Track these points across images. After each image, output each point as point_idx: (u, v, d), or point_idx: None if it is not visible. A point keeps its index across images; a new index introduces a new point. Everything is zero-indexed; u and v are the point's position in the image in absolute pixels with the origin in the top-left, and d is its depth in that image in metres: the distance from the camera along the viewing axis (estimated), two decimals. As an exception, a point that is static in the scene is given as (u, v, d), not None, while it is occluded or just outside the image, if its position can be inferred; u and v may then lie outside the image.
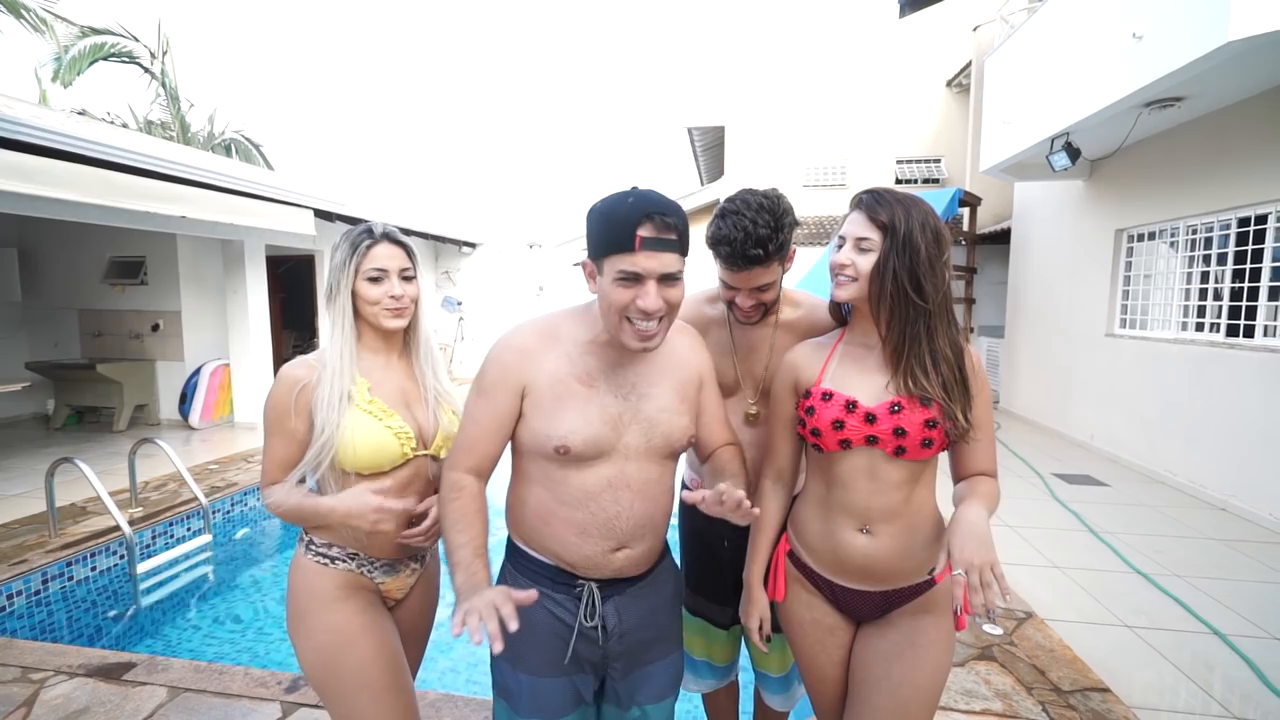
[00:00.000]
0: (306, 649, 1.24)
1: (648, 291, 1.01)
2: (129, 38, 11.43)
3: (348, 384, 1.24)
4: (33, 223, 6.10)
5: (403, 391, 1.33)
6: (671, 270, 1.03)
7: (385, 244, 1.29)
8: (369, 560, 1.29)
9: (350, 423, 1.22)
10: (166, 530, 3.80)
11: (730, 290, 1.33)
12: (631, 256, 1.00)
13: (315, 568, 1.26)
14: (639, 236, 0.99)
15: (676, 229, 1.02)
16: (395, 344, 1.37)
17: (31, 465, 4.99)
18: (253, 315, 6.64)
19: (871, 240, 1.12)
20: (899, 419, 1.10)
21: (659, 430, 1.13)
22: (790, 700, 1.59)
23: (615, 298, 1.03)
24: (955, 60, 10.53)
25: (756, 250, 1.22)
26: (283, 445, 1.25)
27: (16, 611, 2.98)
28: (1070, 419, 6.28)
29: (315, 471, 1.23)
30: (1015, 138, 5.94)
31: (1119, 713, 2.06)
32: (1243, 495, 4.13)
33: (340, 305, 1.27)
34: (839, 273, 1.15)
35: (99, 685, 2.20)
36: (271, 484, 1.27)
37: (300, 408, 1.23)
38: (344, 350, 1.25)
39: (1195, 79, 3.83)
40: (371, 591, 1.30)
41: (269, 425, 1.26)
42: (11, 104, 5.25)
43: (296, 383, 1.23)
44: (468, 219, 11.38)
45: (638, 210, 1.00)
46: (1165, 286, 5.22)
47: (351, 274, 1.26)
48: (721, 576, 1.48)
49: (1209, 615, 2.81)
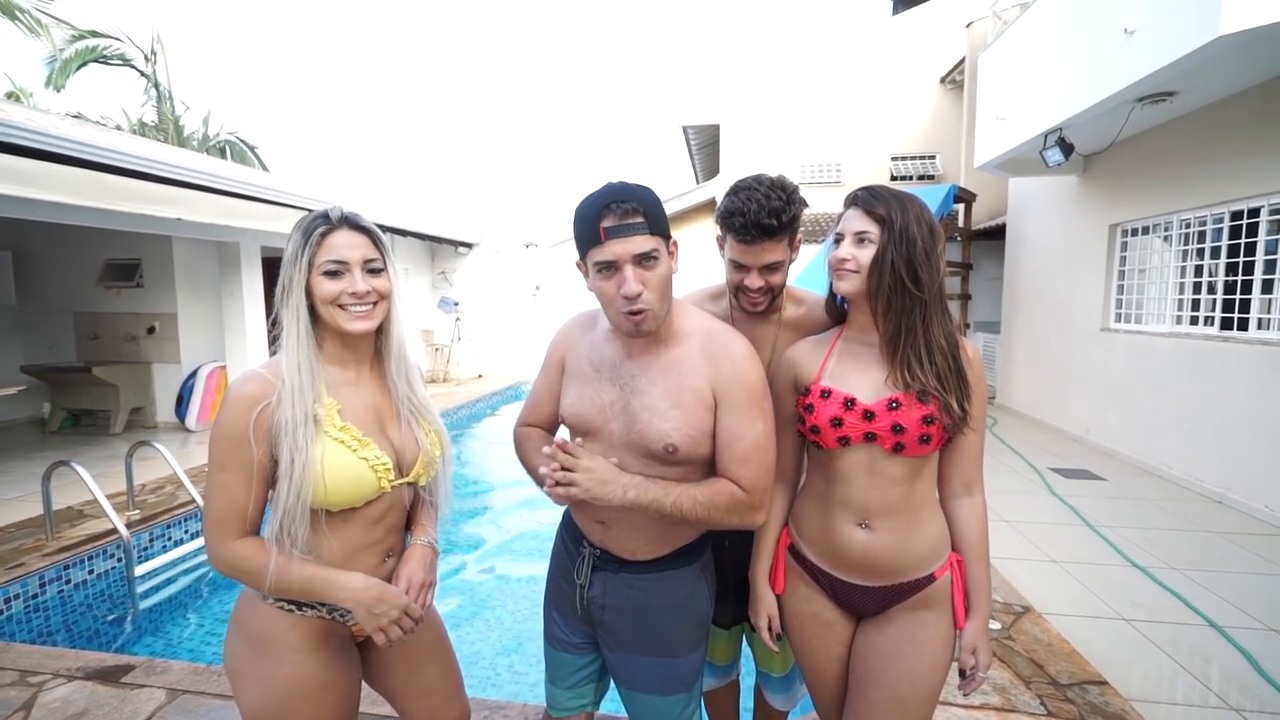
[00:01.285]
0: (255, 694, 1.08)
1: (625, 277, 1.06)
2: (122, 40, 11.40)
3: (310, 404, 1.03)
4: (27, 226, 6.08)
5: (375, 410, 1.14)
6: (643, 250, 1.06)
7: (345, 230, 1.07)
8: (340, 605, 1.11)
9: (318, 454, 1.02)
10: (164, 533, 3.79)
11: (739, 272, 1.32)
12: (600, 248, 1.07)
13: (278, 614, 1.08)
14: (602, 228, 1.06)
15: (640, 211, 1.06)
16: (364, 353, 1.16)
17: (28, 469, 4.97)
18: (249, 317, 6.62)
19: (870, 233, 1.13)
20: (897, 415, 1.11)
21: (636, 426, 1.14)
22: (792, 700, 1.60)
23: (601, 290, 1.11)
24: (949, 57, 10.56)
25: (770, 220, 1.22)
26: (240, 484, 1.01)
27: (14, 615, 2.97)
28: (1066, 413, 6.31)
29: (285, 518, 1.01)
30: (1009, 134, 5.95)
31: (1117, 705, 2.07)
32: (1238, 488, 4.16)
33: (294, 307, 1.05)
34: (840, 266, 1.16)
35: (97, 688, 2.19)
36: (228, 539, 1.02)
37: (260, 434, 1.01)
38: (302, 363, 1.04)
39: (1187, 73, 3.85)
40: (343, 636, 1.16)
41: (221, 458, 1.02)
42: (5, 107, 5.23)
43: (254, 402, 1.01)
44: (464, 219, 11.36)
45: (598, 204, 1.07)
46: (1159, 281, 5.24)
47: (304, 268, 1.05)
48: (723, 576, 1.49)
49: (1206, 608, 2.82)
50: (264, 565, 1.01)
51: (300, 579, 1.03)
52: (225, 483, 1.02)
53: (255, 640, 1.09)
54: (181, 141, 12.22)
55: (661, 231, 1.09)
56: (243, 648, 1.10)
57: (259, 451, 1.01)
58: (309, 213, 1.11)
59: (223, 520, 1.03)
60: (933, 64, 10.82)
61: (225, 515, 1.02)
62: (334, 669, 1.12)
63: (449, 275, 10.91)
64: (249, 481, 1.02)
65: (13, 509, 4.05)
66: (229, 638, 1.13)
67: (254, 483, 1.02)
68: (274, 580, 1.02)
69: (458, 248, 10.75)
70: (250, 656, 1.09)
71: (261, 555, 1.02)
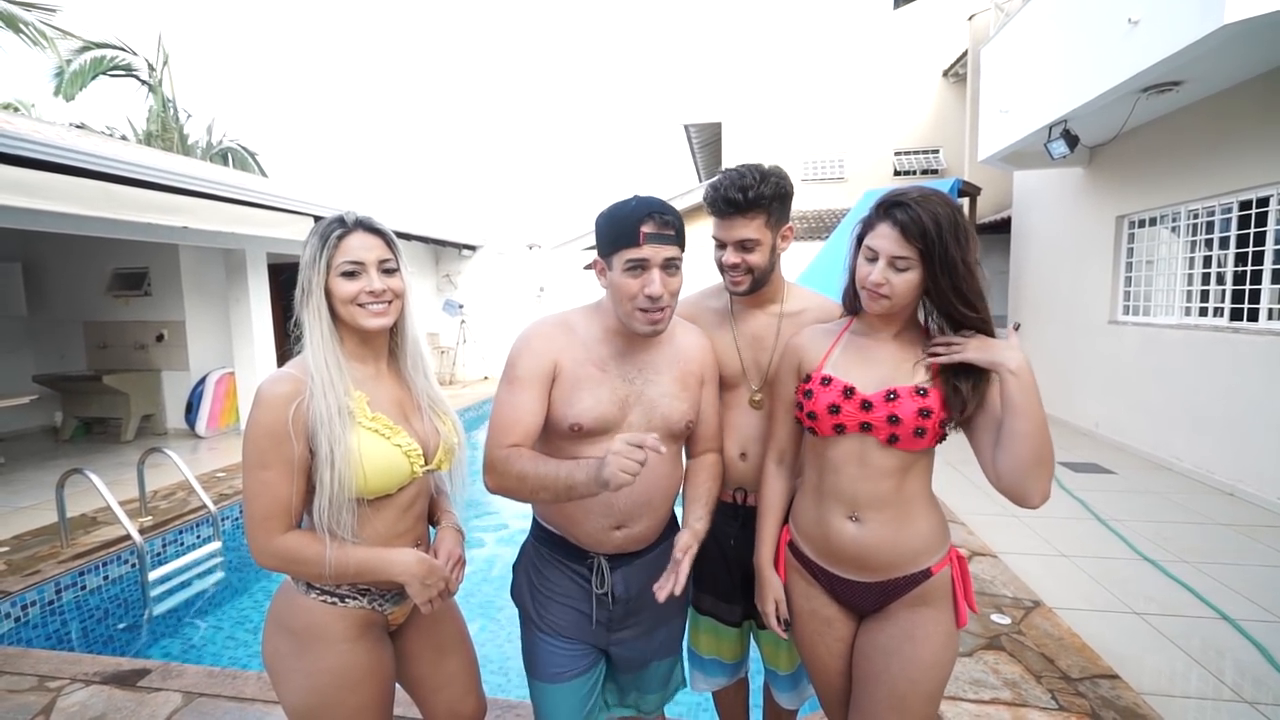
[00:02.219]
0: (299, 688, 1.12)
1: (652, 279, 1.17)
2: (128, 51, 11.49)
3: (342, 396, 1.09)
4: (36, 237, 6.14)
5: (399, 403, 1.21)
6: (672, 256, 1.19)
7: (360, 233, 1.14)
8: (380, 594, 1.19)
9: (355, 444, 1.08)
10: (176, 538, 3.83)
11: (719, 250, 1.39)
12: (638, 249, 1.16)
13: (323, 608, 1.13)
14: (643, 232, 1.16)
15: (674, 225, 1.19)
16: (381, 349, 1.23)
17: (41, 477, 5.03)
18: (256, 324, 6.67)
19: (908, 259, 1.10)
20: (894, 407, 1.11)
21: (659, 411, 1.27)
22: (799, 698, 1.60)
23: (625, 287, 1.19)
24: (951, 50, 10.51)
25: (737, 195, 1.29)
26: (283, 480, 1.06)
27: (31, 621, 3.00)
28: (1075, 407, 6.27)
29: (331, 507, 1.07)
30: (1013, 126, 5.92)
31: (1128, 699, 2.06)
32: (1250, 480, 4.12)
33: (315, 307, 1.11)
34: (874, 289, 1.13)
35: (114, 692, 2.22)
36: (276, 534, 1.07)
37: (298, 429, 1.06)
38: (328, 359, 1.10)
39: (1193, 62, 3.82)
40: (381, 626, 1.22)
41: (261, 457, 1.06)
42: (11, 119, 5.28)
43: (290, 399, 1.06)
44: (467, 222, 11.40)
45: (641, 210, 1.18)
46: (1167, 272, 5.20)
47: (323, 270, 1.11)
48: (729, 574, 1.49)
49: (1218, 600, 2.80)
50: (319, 554, 1.07)
51: (356, 561, 1.10)
52: (268, 480, 1.06)
53: (298, 635, 1.13)
54: (185, 149, 12.31)
55: (683, 245, 1.22)
56: (284, 644, 1.15)
57: (299, 446, 1.06)
58: (323, 218, 1.17)
59: (269, 517, 1.07)
60: (935, 58, 10.78)
61: (271, 511, 1.07)
62: (375, 657, 1.17)
63: (453, 278, 10.95)
64: (290, 477, 1.07)
65: (27, 517, 4.10)
66: (267, 637, 1.18)
67: (295, 477, 1.07)
68: (334, 565, 1.08)
69: (461, 250, 10.79)
70: (293, 652, 1.13)
71: (315, 544, 1.08)
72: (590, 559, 1.30)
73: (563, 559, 1.32)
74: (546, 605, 1.33)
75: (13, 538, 3.72)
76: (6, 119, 4.99)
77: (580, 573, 1.31)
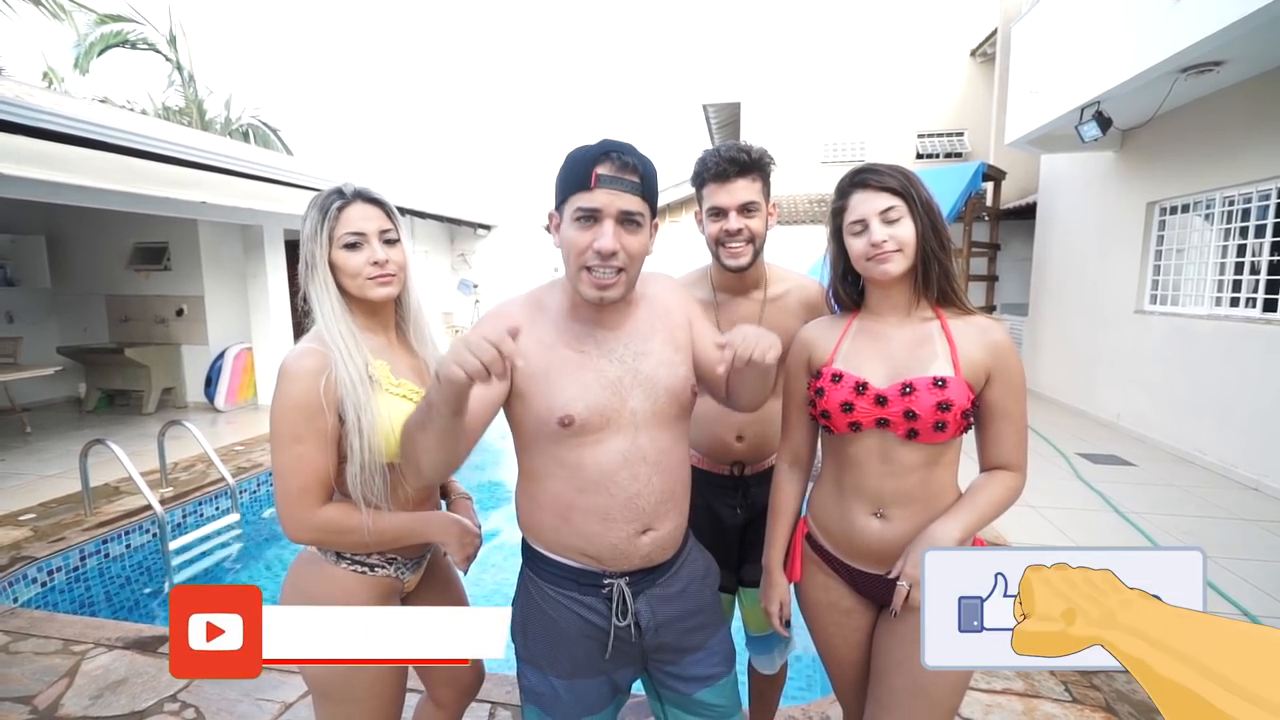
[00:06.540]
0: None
1: (604, 231, 0.98)
2: (145, 23, 11.50)
3: (362, 365, 1.10)
4: (59, 210, 6.21)
5: (415, 371, 1.22)
6: (631, 209, 1.00)
7: (359, 204, 1.13)
8: (404, 562, 1.20)
9: (384, 409, 1.09)
10: (196, 509, 3.91)
11: (718, 220, 1.35)
12: (589, 193, 0.98)
13: (354, 578, 1.14)
14: (596, 174, 0.98)
15: (638, 171, 1.00)
16: (389, 319, 1.23)
17: (66, 447, 5.15)
18: (273, 299, 6.73)
19: (897, 208, 1.09)
20: (910, 401, 1.07)
21: (662, 386, 1.08)
22: (772, 664, 1.62)
23: (573, 240, 1.00)
24: (980, 29, 10.19)
25: (741, 155, 1.31)
26: (318, 453, 1.06)
27: (57, 586, 3.09)
28: (1096, 398, 6.16)
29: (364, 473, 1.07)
30: (1043, 108, 5.74)
31: (1143, 694, 2.03)
32: (1276, 474, 4.02)
33: (321, 280, 1.11)
34: (880, 249, 1.08)
35: (136, 657, 2.28)
36: (314, 507, 1.07)
37: (330, 400, 1.06)
38: (343, 329, 1.10)
39: (1235, 41, 3.65)
40: (398, 594, 1.24)
41: (294, 430, 1.05)
42: (34, 92, 5.32)
43: (319, 372, 1.06)
44: (483, 201, 11.37)
45: (595, 150, 0.99)
46: (1199, 261, 5.05)
47: (325, 243, 1.11)
48: (728, 543, 1.52)
49: (1238, 596, 2.76)
50: (359, 522, 1.08)
51: (393, 526, 1.12)
52: (302, 455, 1.05)
53: (324, 604, 1.13)
54: (204, 125, 12.36)
55: (651, 201, 1.04)
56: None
57: (331, 418, 1.06)
58: (321, 191, 1.16)
59: (306, 490, 1.06)
60: (962, 36, 10.46)
61: (309, 485, 1.06)
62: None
63: (468, 257, 10.96)
64: (325, 449, 1.07)
65: (53, 485, 4.21)
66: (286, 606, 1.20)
67: (329, 450, 1.07)
68: (374, 531, 1.09)
69: (476, 230, 10.78)
70: None
71: (354, 514, 1.09)
72: (607, 586, 1.09)
73: (574, 592, 1.09)
74: (553, 645, 1.10)
75: (39, 505, 3.83)
76: (29, 91, 5.02)
77: (594, 606, 1.09)
